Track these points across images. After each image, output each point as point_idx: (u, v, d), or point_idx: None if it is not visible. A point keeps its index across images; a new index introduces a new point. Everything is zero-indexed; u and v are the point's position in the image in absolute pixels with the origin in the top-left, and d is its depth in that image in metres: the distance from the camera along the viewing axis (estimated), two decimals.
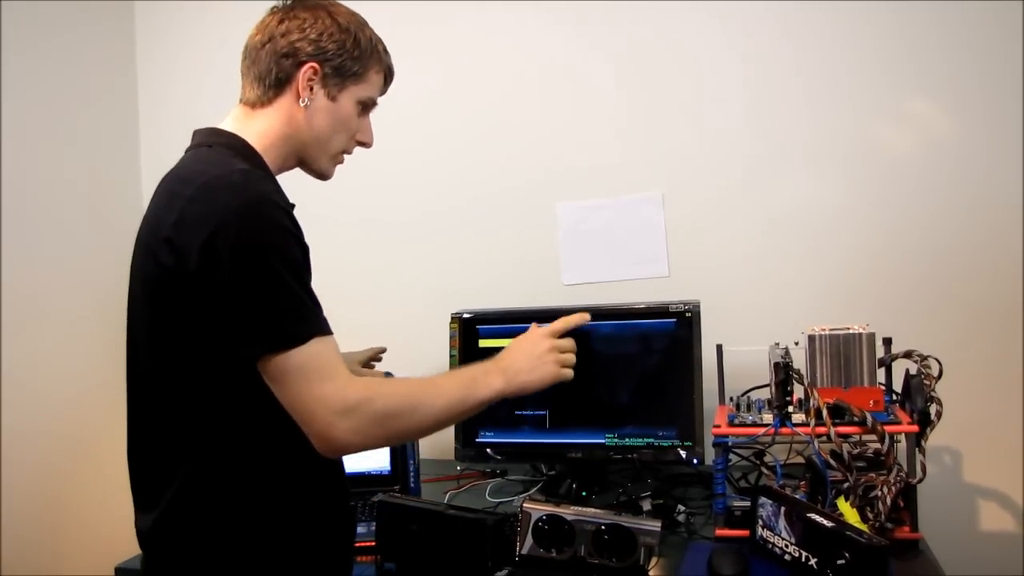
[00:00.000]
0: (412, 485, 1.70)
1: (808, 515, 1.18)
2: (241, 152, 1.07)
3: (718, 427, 1.36)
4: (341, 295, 1.46)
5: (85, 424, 2.17)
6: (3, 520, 1.91)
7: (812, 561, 1.15)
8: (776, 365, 1.35)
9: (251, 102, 1.12)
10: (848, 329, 1.34)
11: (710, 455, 1.42)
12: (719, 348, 1.49)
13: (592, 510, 1.32)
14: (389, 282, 2.11)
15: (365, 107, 1.17)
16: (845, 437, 1.30)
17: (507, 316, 1.70)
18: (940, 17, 1.72)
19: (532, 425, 1.70)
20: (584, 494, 1.61)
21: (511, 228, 2.02)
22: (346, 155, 1.19)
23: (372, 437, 0.99)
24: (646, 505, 1.51)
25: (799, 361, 1.38)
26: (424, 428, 1.05)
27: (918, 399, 1.29)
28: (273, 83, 1.10)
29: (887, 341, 1.42)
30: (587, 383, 1.68)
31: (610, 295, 1.85)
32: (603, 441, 1.64)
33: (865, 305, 1.75)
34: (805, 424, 1.30)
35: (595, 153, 1.97)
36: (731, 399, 1.46)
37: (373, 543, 1.35)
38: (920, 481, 1.28)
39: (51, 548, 2.05)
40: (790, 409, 1.34)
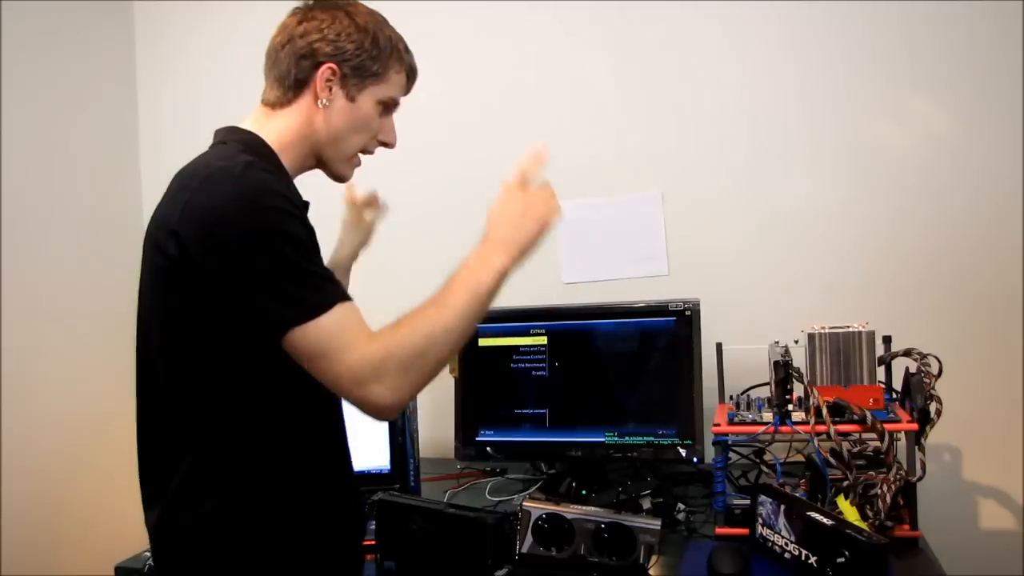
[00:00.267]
0: (412, 484, 1.70)
1: (808, 513, 1.18)
2: (254, 149, 1.07)
3: (718, 425, 1.36)
4: None
5: (85, 424, 2.17)
6: (3, 520, 1.91)
7: (812, 559, 1.15)
8: (776, 363, 1.35)
9: (271, 102, 1.13)
10: (848, 327, 1.34)
11: (710, 453, 1.42)
12: (719, 346, 1.49)
13: (592, 509, 1.32)
14: (388, 281, 2.10)
15: (387, 107, 1.16)
16: (845, 435, 1.30)
17: (507, 315, 1.70)
18: (939, 15, 1.72)
19: (532, 424, 1.70)
20: (584, 493, 1.61)
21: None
22: (367, 155, 1.19)
23: (408, 384, 0.97)
24: (646, 503, 1.51)
25: (799, 359, 1.38)
26: (452, 348, 1.02)
27: (918, 397, 1.30)
28: (292, 84, 1.10)
29: (887, 339, 1.42)
30: (587, 381, 1.68)
31: (610, 294, 1.85)
32: (603, 440, 1.64)
33: (865, 303, 1.75)
34: (805, 422, 1.30)
35: (595, 151, 1.97)
36: (731, 397, 1.46)
37: (373, 542, 1.35)
38: (920, 479, 1.28)
39: (51, 548, 2.05)
40: (790, 407, 1.34)
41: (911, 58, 1.75)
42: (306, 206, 1.05)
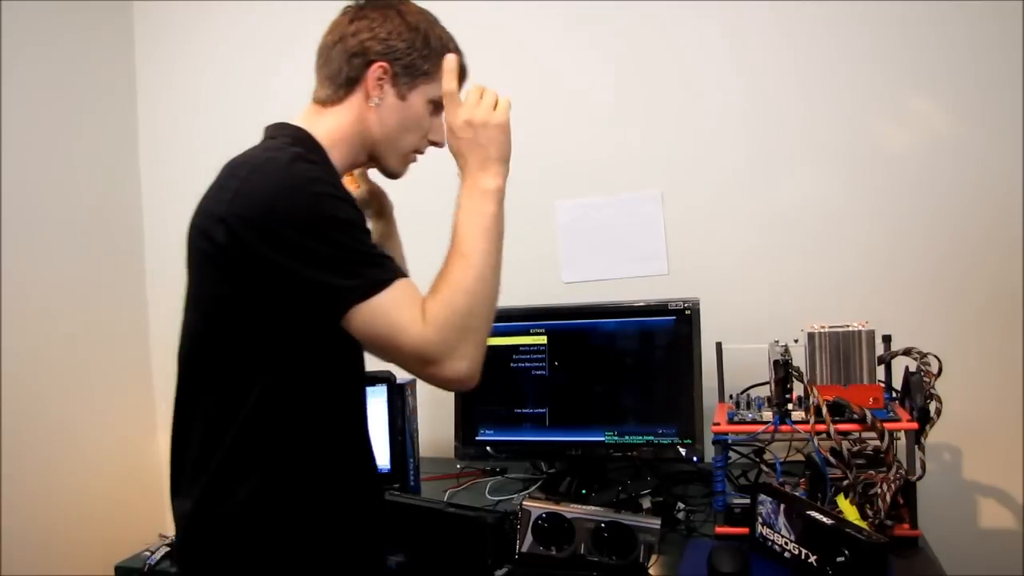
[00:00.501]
0: (412, 483, 1.70)
1: (808, 512, 1.18)
2: (303, 143, 1.08)
3: (718, 425, 1.36)
4: None
5: (85, 424, 2.17)
6: (3, 520, 1.91)
7: (812, 558, 1.15)
8: (776, 363, 1.35)
9: (322, 100, 1.13)
10: (848, 326, 1.34)
11: (710, 453, 1.42)
12: (719, 346, 1.49)
13: (592, 508, 1.32)
14: None
15: (437, 106, 1.16)
16: (845, 434, 1.30)
17: (506, 314, 1.69)
18: (938, 14, 1.72)
19: (532, 423, 1.70)
20: (584, 492, 1.61)
21: (510, 226, 1.99)
22: (419, 155, 1.19)
23: (474, 346, 0.98)
24: (646, 503, 1.51)
25: (799, 358, 1.38)
26: (492, 292, 1.03)
27: (918, 396, 1.30)
28: (343, 82, 1.11)
29: (887, 338, 1.42)
30: (587, 381, 1.68)
31: (610, 293, 1.85)
32: (603, 439, 1.64)
33: (865, 302, 1.75)
34: (805, 421, 1.30)
35: (594, 151, 1.97)
36: (731, 397, 1.46)
37: None
38: (920, 478, 1.28)
39: (51, 548, 2.05)
40: (790, 407, 1.34)
41: (910, 58, 1.75)
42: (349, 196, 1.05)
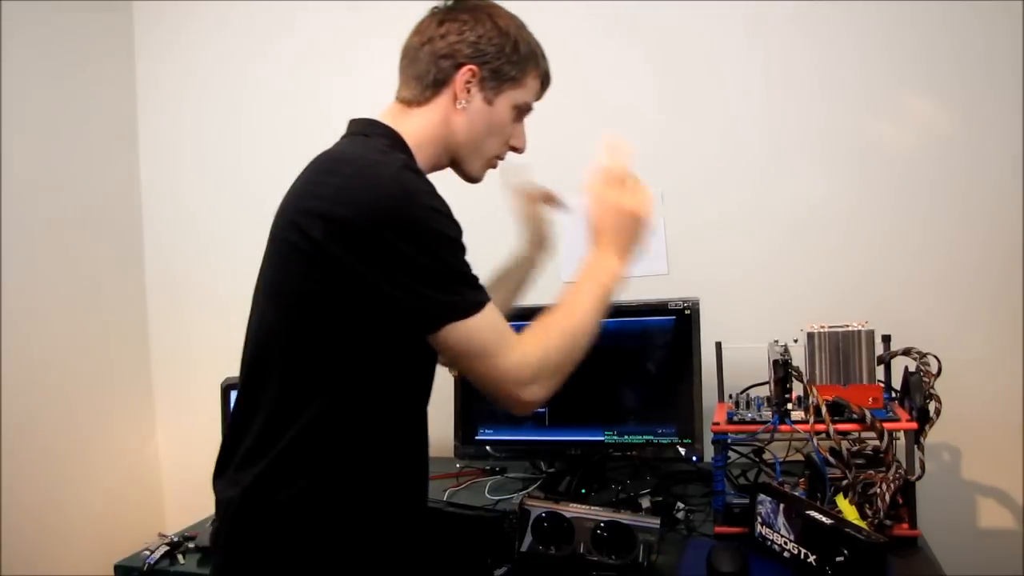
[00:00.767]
0: None
1: (807, 512, 1.18)
2: (400, 147, 1.08)
3: (717, 424, 1.36)
4: None
5: (85, 423, 2.17)
6: (3, 520, 1.91)
7: (811, 558, 1.15)
8: (775, 362, 1.35)
9: (407, 100, 1.12)
10: (847, 326, 1.35)
11: (709, 452, 1.42)
12: (718, 345, 1.49)
13: (591, 507, 1.32)
14: None
15: (520, 112, 1.16)
16: (844, 434, 1.30)
17: (506, 313, 1.70)
18: (939, 14, 1.72)
19: (531, 422, 1.70)
20: (583, 491, 1.61)
21: (510, 225, 2.01)
22: (500, 160, 1.19)
23: (555, 384, 1.05)
24: (645, 502, 1.51)
25: (798, 358, 1.38)
26: (585, 347, 1.09)
27: (917, 396, 1.30)
28: (431, 83, 1.10)
29: (886, 338, 1.43)
30: (586, 380, 1.67)
31: None
32: (602, 438, 1.64)
33: (864, 302, 1.75)
34: (804, 421, 1.30)
35: (593, 150, 1.96)
36: (730, 396, 1.46)
37: None
38: (919, 478, 1.28)
39: (51, 547, 2.05)
40: (789, 406, 1.34)
41: (910, 59, 1.75)
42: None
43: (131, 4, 2.39)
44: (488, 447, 1.72)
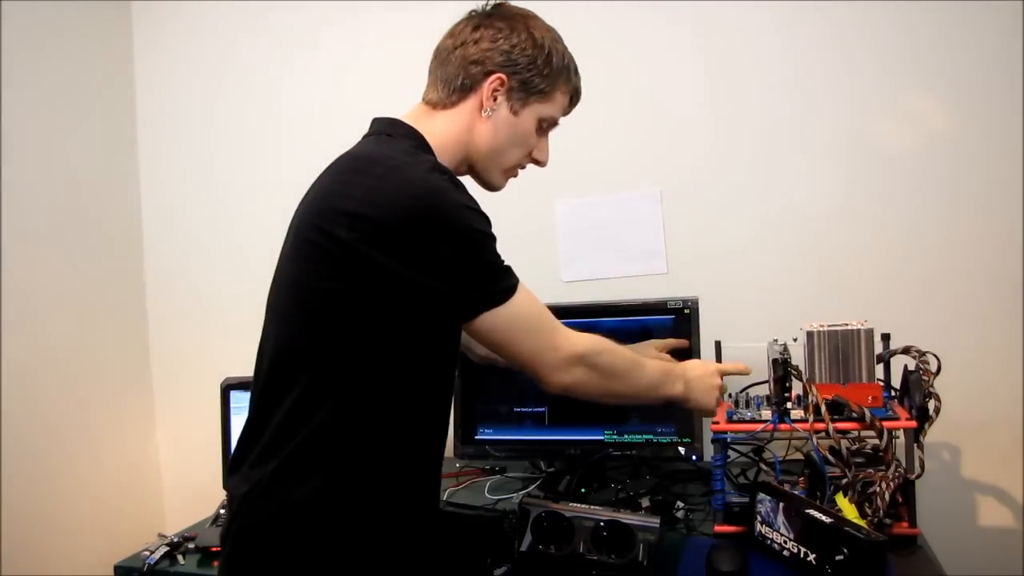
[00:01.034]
0: None
1: (806, 511, 1.18)
2: (423, 147, 1.08)
3: (717, 423, 1.35)
4: None
5: (85, 424, 2.17)
6: (3, 520, 1.91)
7: (811, 557, 1.15)
8: (775, 361, 1.35)
9: (433, 102, 1.13)
10: (846, 325, 1.35)
11: (709, 451, 1.42)
12: (718, 344, 1.49)
13: (591, 507, 1.32)
14: None
15: (545, 126, 1.17)
16: (844, 433, 1.29)
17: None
18: (939, 13, 1.72)
19: (531, 422, 1.70)
20: (583, 491, 1.61)
21: (509, 225, 2.00)
22: (520, 170, 1.21)
23: (592, 386, 1.11)
24: (645, 502, 1.51)
25: (798, 357, 1.38)
26: (627, 396, 1.19)
27: (916, 395, 1.30)
28: (458, 88, 1.10)
29: (885, 337, 1.42)
30: None
31: (609, 292, 1.85)
32: (602, 438, 1.64)
33: (863, 301, 1.75)
34: (804, 420, 1.30)
35: (594, 150, 1.97)
36: (730, 395, 1.46)
37: None
38: (918, 477, 1.28)
39: (50, 547, 2.05)
40: (789, 405, 1.34)
41: (911, 57, 1.75)
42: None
43: (129, 4, 2.39)
44: (488, 447, 1.72)
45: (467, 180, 1.16)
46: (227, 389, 1.72)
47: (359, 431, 1.01)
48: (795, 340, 1.39)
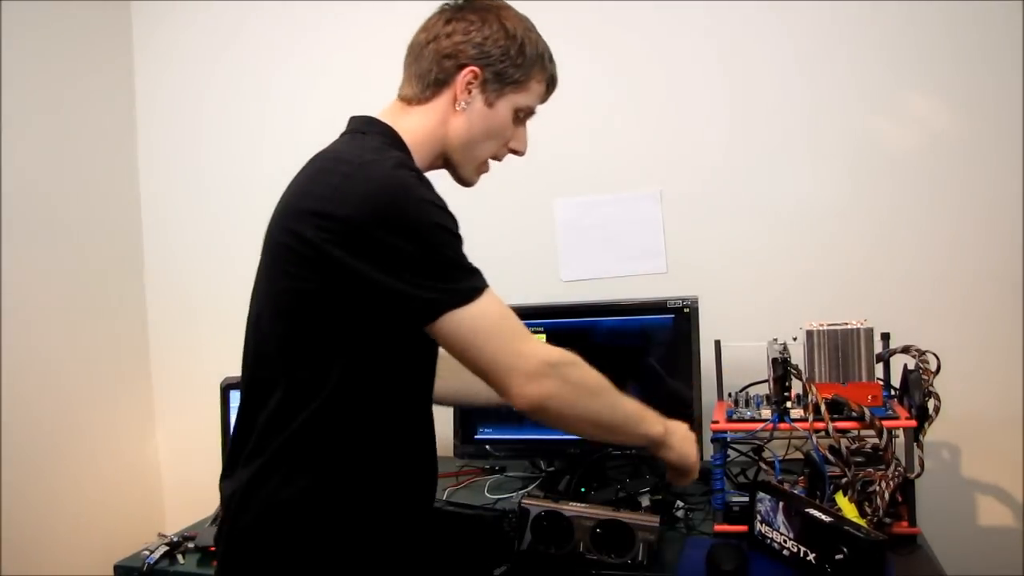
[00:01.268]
0: None
1: (806, 510, 1.18)
2: (397, 145, 1.07)
3: (716, 423, 1.36)
4: None
5: (85, 424, 2.17)
6: (3, 520, 1.91)
7: (810, 556, 1.15)
8: (774, 360, 1.35)
9: (408, 98, 1.12)
10: (846, 324, 1.35)
11: (708, 451, 1.42)
12: (717, 344, 1.49)
13: (591, 506, 1.32)
14: None
15: (522, 115, 1.16)
16: (843, 432, 1.30)
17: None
18: (940, 12, 1.72)
19: (531, 421, 1.69)
20: (583, 490, 1.60)
21: (509, 225, 2.01)
22: (496, 162, 1.19)
23: (563, 402, 1.02)
24: (645, 501, 1.51)
25: (797, 356, 1.38)
26: (605, 420, 1.08)
27: (916, 394, 1.30)
28: (432, 83, 1.10)
29: (885, 336, 1.42)
30: None
31: (608, 291, 1.85)
32: None
33: (863, 300, 1.75)
34: (803, 419, 1.30)
35: (594, 149, 1.97)
36: (729, 395, 1.46)
37: None
38: (918, 476, 1.28)
39: (50, 547, 2.05)
40: (788, 404, 1.34)
41: (910, 57, 1.75)
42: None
43: (129, 5, 2.39)
44: (488, 446, 1.72)
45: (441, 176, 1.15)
46: (227, 389, 1.72)
47: (343, 430, 1.01)
48: (795, 339, 1.39)
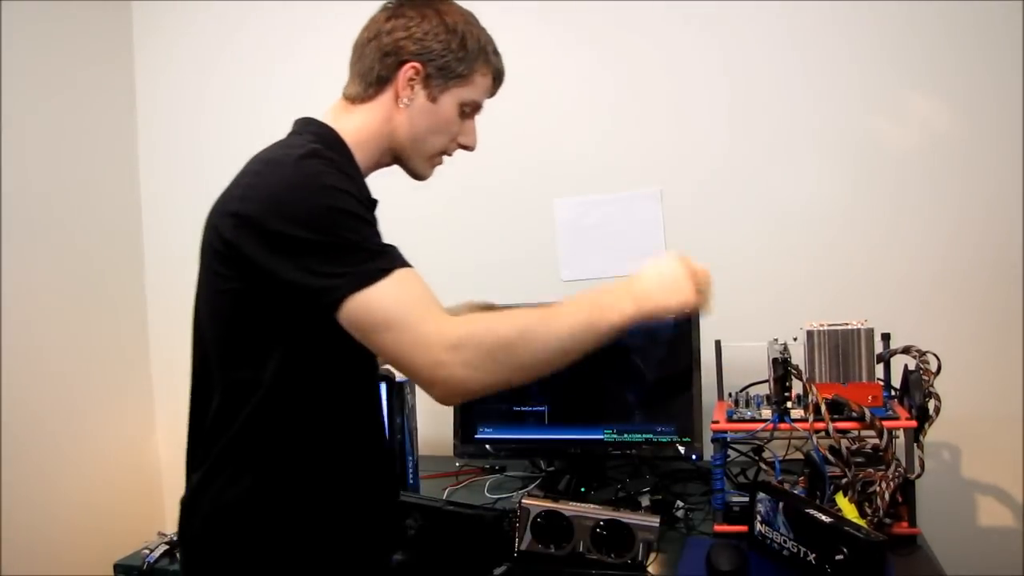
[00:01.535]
0: (411, 481, 1.70)
1: (806, 511, 1.18)
2: (325, 140, 1.06)
3: (717, 423, 1.36)
4: None
5: (85, 422, 2.17)
6: (3, 519, 1.91)
7: (810, 556, 1.15)
8: (775, 361, 1.35)
9: (351, 97, 1.12)
10: (847, 325, 1.35)
11: (709, 451, 1.42)
12: (718, 344, 1.49)
13: (591, 506, 1.32)
14: None
15: (468, 109, 1.15)
16: (843, 433, 1.30)
17: None
18: (941, 12, 1.72)
19: (531, 421, 1.70)
20: (583, 490, 1.61)
21: (509, 224, 2.01)
22: (446, 157, 1.19)
23: (489, 372, 0.93)
24: (645, 501, 1.51)
25: (798, 357, 1.38)
26: (547, 357, 0.96)
27: (916, 394, 1.30)
28: (374, 80, 1.09)
29: (885, 336, 1.42)
30: (586, 379, 1.68)
31: None
32: (602, 437, 1.64)
33: (864, 300, 1.75)
34: (804, 420, 1.30)
35: (594, 149, 1.97)
36: (730, 395, 1.46)
37: None
38: (918, 476, 1.28)
39: (50, 546, 2.05)
40: (789, 405, 1.34)
41: (910, 57, 1.75)
42: (373, 204, 1.06)
43: (130, 5, 2.39)
44: (487, 445, 1.72)
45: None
46: None
47: (282, 427, 1.00)
48: (795, 340, 1.39)
